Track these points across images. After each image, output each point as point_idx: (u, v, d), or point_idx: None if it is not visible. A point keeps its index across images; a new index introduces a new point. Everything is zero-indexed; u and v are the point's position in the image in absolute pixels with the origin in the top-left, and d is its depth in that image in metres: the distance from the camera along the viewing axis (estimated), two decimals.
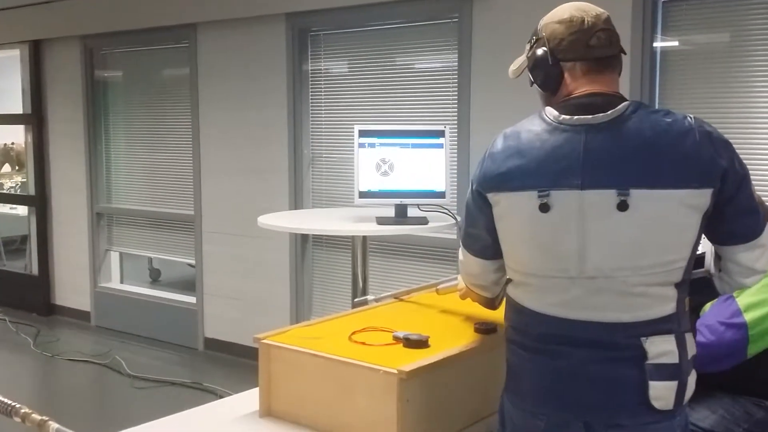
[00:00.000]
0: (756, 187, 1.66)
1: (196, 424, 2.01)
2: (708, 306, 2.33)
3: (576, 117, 1.61)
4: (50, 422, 1.46)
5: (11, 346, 5.87)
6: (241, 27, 5.26)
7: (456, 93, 4.37)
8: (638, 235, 1.54)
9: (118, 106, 6.31)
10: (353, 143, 3.60)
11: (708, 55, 3.68)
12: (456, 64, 4.37)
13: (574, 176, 1.57)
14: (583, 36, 1.65)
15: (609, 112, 1.59)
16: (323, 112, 5.01)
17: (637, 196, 1.53)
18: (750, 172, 1.62)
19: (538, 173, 1.60)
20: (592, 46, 1.65)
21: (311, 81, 5.04)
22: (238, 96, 5.33)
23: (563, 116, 1.62)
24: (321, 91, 5.01)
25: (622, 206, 1.53)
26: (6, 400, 1.57)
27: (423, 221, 3.55)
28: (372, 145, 3.58)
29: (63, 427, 1.44)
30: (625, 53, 1.73)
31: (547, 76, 1.69)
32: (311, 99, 5.05)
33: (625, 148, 1.56)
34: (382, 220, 3.53)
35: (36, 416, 1.49)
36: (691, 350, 1.63)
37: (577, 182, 1.56)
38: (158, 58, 5.99)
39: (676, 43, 3.78)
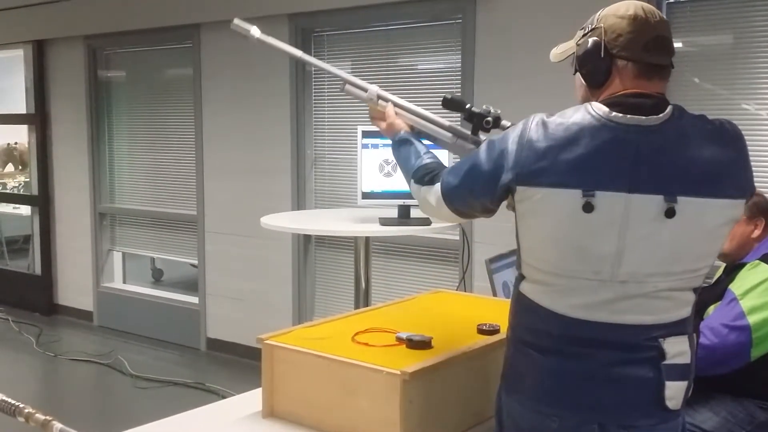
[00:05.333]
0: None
1: (198, 425, 2.00)
2: (712, 308, 2.33)
3: (629, 116, 1.55)
4: (54, 422, 1.46)
5: (14, 345, 5.87)
6: None
7: (459, 94, 4.37)
8: (678, 243, 1.53)
9: (122, 106, 6.32)
10: (356, 144, 3.59)
11: (712, 56, 3.68)
12: (459, 64, 4.37)
13: (623, 178, 1.52)
14: (642, 37, 1.59)
15: (660, 115, 1.55)
16: (326, 112, 5.01)
17: (684, 203, 1.50)
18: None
19: (584, 171, 1.53)
20: (648, 50, 1.59)
21: (314, 81, 5.04)
22: (241, 96, 5.33)
23: (614, 113, 1.55)
24: (324, 92, 5.01)
25: (670, 213, 1.50)
26: (9, 400, 1.57)
27: (426, 222, 3.54)
28: (375, 146, 3.57)
29: (66, 427, 1.44)
30: (673, 67, 1.67)
31: (595, 68, 1.62)
32: (314, 99, 5.05)
33: (674, 154, 1.53)
34: (384, 221, 3.52)
35: (40, 416, 1.49)
36: (695, 351, 1.65)
37: (625, 185, 1.52)
38: (161, 58, 6.00)
39: (680, 45, 3.77)
